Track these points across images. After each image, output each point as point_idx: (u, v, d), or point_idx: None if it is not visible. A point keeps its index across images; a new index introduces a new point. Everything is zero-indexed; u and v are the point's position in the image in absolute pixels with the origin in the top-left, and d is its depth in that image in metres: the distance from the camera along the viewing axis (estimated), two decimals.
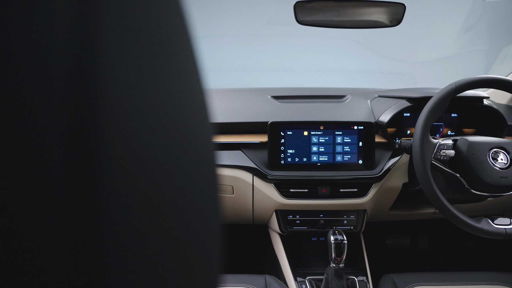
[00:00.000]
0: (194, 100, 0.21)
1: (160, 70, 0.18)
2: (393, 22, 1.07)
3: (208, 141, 0.23)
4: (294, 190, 1.30)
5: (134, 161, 0.16)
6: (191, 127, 0.21)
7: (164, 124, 0.18)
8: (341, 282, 1.17)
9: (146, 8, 0.18)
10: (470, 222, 1.05)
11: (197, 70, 0.22)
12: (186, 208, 0.20)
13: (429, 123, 1.10)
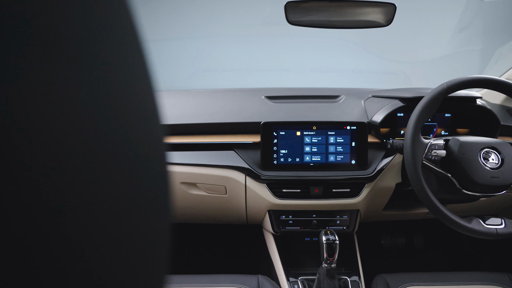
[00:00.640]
0: (138, 96, 0.21)
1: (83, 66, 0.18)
2: (384, 22, 1.07)
3: (155, 140, 0.23)
4: (287, 190, 1.30)
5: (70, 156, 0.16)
6: (132, 122, 0.21)
7: (104, 119, 0.18)
8: (333, 282, 1.17)
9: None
10: (461, 222, 1.05)
11: (138, 69, 0.22)
12: (129, 205, 0.20)
13: (420, 123, 1.10)
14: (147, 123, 0.22)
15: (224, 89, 1.64)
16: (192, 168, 1.34)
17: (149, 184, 0.23)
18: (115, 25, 0.20)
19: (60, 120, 0.16)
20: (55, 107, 0.16)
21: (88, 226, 0.17)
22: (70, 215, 0.16)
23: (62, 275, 0.17)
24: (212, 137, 1.36)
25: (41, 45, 0.15)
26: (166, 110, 1.45)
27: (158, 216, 0.24)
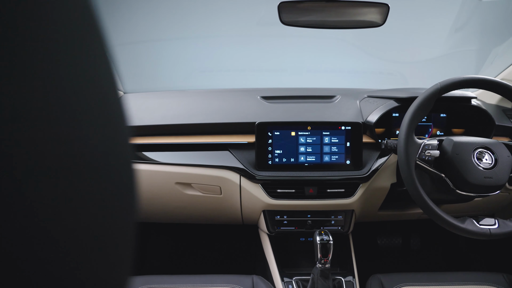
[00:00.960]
0: (96, 98, 0.21)
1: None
2: (377, 23, 1.07)
3: (118, 140, 0.23)
4: (281, 191, 1.30)
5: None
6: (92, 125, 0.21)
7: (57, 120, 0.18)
8: (327, 283, 1.17)
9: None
10: (454, 222, 1.05)
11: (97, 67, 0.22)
12: (91, 204, 0.20)
13: (414, 123, 1.10)
14: (107, 123, 0.22)
15: (220, 89, 1.64)
16: (186, 168, 1.34)
17: (111, 184, 0.23)
18: (66, 25, 0.20)
19: (12, 122, 0.16)
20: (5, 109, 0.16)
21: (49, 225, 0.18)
22: (28, 213, 0.16)
23: (24, 274, 0.17)
24: (207, 137, 1.36)
25: None
26: (162, 110, 1.45)
27: (119, 216, 0.24)
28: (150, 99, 1.57)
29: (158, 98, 1.57)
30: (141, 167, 1.36)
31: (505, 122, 1.43)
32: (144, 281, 1.22)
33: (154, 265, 1.98)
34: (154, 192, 1.40)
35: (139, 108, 1.50)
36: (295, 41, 1.88)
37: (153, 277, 1.23)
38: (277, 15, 1.08)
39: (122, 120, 0.24)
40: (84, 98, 0.20)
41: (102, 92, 0.22)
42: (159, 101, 1.53)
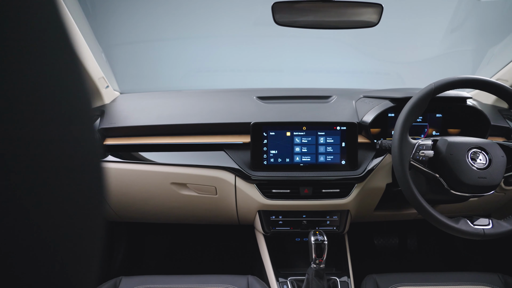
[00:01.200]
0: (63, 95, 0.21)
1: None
2: (371, 23, 1.07)
3: (83, 140, 0.23)
4: (276, 191, 1.30)
5: None
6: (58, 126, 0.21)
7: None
8: (321, 283, 1.17)
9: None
10: (448, 222, 1.05)
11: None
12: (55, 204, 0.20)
13: (408, 123, 1.10)
14: (73, 124, 0.22)
15: (216, 89, 1.64)
16: (182, 169, 1.34)
17: (79, 182, 0.23)
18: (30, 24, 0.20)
19: None
20: None
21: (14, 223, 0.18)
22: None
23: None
24: (202, 138, 1.36)
25: None
26: (157, 111, 1.45)
27: (86, 214, 0.24)
28: (146, 99, 1.58)
29: (154, 98, 1.57)
30: (136, 167, 1.36)
31: (501, 122, 1.43)
32: (139, 281, 1.22)
33: (151, 265, 1.98)
34: (150, 192, 1.40)
35: (135, 108, 1.50)
36: (292, 42, 1.88)
37: (148, 277, 1.23)
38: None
39: (89, 122, 0.24)
40: (49, 100, 0.20)
41: (68, 94, 0.22)
42: (155, 101, 1.53)
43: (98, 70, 1.43)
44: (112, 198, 1.45)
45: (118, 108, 1.51)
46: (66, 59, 0.22)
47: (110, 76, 1.66)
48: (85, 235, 0.23)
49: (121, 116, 1.45)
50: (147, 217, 1.58)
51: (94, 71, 1.39)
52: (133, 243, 1.96)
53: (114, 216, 1.60)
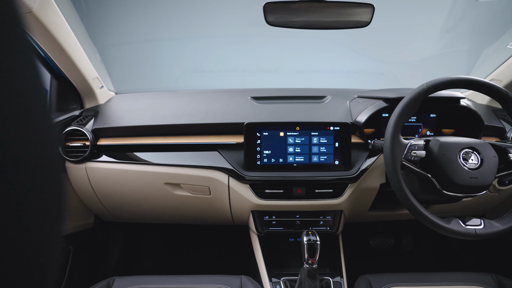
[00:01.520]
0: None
1: None
2: (363, 23, 1.07)
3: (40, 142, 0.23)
4: (270, 191, 1.30)
5: None
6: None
7: None
8: (314, 283, 1.17)
9: None
10: (440, 222, 1.05)
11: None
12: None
13: (400, 123, 1.10)
14: (29, 128, 0.22)
15: (211, 90, 1.64)
16: (175, 169, 1.34)
17: (35, 187, 0.23)
18: None
19: None
20: None
21: None
22: None
23: None
24: (196, 138, 1.37)
25: None
26: (151, 111, 1.45)
27: (44, 219, 0.24)
28: (141, 99, 1.58)
29: (149, 98, 1.57)
30: (129, 167, 1.36)
31: (495, 122, 1.42)
32: (132, 282, 1.22)
33: (147, 264, 1.98)
34: (143, 192, 1.40)
35: (129, 108, 1.50)
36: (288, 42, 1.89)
37: (141, 277, 1.23)
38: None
39: (43, 123, 0.23)
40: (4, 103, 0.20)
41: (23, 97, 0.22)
42: (149, 102, 1.54)
43: (92, 71, 1.43)
44: (105, 198, 1.46)
45: (113, 109, 1.51)
46: (15, 57, 0.22)
47: (105, 77, 1.67)
48: (35, 252, 0.22)
49: (115, 116, 1.45)
50: (141, 217, 1.58)
51: (88, 71, 1.39)
52: (129, 243, 1.96)
53: (108, 216, 1.60)
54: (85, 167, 1.37)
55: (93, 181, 1.40)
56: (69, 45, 1.19)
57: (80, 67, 1.32)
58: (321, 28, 1.08)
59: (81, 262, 1.58)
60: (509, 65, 1.43)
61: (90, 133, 1.37)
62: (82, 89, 1.46)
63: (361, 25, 1.07)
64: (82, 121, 1.42)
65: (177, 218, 1.55)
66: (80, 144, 1.36)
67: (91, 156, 1.37)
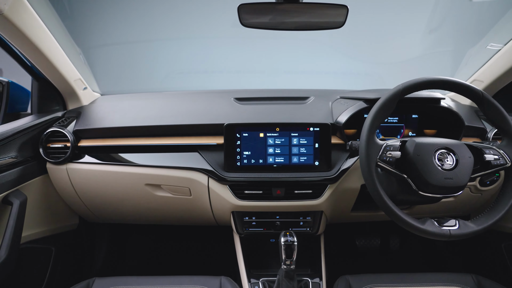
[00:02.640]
0: None
1: None
2: (337, 23, 1.07)
3: None
4: (249, 192, 1.30)
5: None
6: None
7: None
8: (291, 284, 1.17)
9: None
10: (414, 223, 1.05)
11: None
12: None
13: (375, 124, 1.10)
14: None
15: (195, 91, 1.64)
16: (156, 170, 1.34)
17: None
18: None
19: None
20: None
21: None
22: None
23: None
24: (177, 139, 1.37)
25: None
26: (133, 112, 1.46)
27: None
28: (126, 100, 1.58)
29: (133, 99, 1.58)
30: (110, 168, 1.36)
31: (475, 123, 1.42)
32: (112, 282, 1.22)
33: (133, 265, 1.98)
34: (124, 193, 1.40)
35: (112, 110, 1.50)
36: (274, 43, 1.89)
37: (121, 278, 1.24)
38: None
39: None
40: None
41: None
42: (132, 103, 1.54)
43: (74, 72, 1.43)
44: (88, 199, 1.46)
45: (96, 110, 1.51)
46: None
47: (90, 78, 1.67)
48: None
49: (97, 117, 1.45)
50: (125, 218, 1.58)
51: (69, 73, 1.39)
52: (115, 243, 1.96)
53: (92, 217, 1.61)
54: (66, 168, 1.37)
55: (74, 182, 1.40)
56: (46, 46, 1.20)
57: (59, 68, 1.32)
58: (295, 29, 1.08)
59: (64, 263, 1.58)
60: (489, 65, 1.43)
61: (71, 134, 1.37)
62: (64, 90, 1.46)
63: (335, 26, 1.07)
64: (64, 123, 1.42)
65: (160, 219, 1.56)
66: (61, 146, 1.36)
67: (72, 157, 1.37)
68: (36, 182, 1.36)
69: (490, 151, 1.11)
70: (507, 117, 1.11)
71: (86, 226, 1.75)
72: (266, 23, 1.08)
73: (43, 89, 1.44)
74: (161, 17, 1.85)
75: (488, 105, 1.11)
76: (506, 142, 1.13)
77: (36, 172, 1.37)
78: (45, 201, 1.42)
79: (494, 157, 1.10)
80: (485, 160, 1.10)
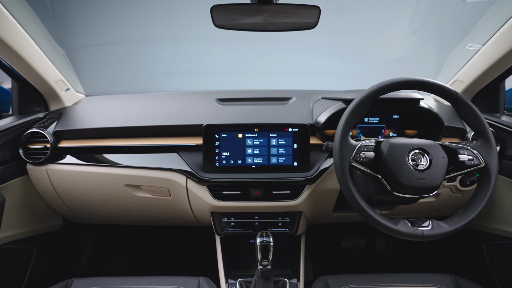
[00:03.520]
0: None
1: None
2: (309, 25, 1.07)
3: None
4: (227, 193, 1.30)
5: None
6: None
7: None
8: (267, 284, 1.17)
9: None
10: (387, 223, 1.05)
11: None
12: None
13: (349, 125, 1.10)
14: None
15: (177, 91, 1.64)
16: (135, 171, 1.34)
17: None
18: None
19: None
20: None
21: None
22: None
23: None
24: (156, 140, 1.37)
25: None
26: (114, 113, 1.46)
27: None
28: (108, 102, 1.58)
29: (115, 101, 1.58)
30: (90, 169, 1.36)
31: (455, 123, 1.42)
32: (91, 283, 1.22)
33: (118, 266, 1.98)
34: (105, 194, 1.40)
35: (93, 110, 1.50)
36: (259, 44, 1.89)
37: (100, 279, 1.24)
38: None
39: None
40: None
41: None
42: (114, 104, 1.54)
43: (54, 73, 1.43)
44: (69, 200, 1.46)
45: (78, 111, 1.51)
46: None
47: (74, 79, 1.67)
48: None
49: (77, 118, 1.45)
50: (107, 219, 1.58)
51: (48, 74, 1.39)
52: (101, 244, 1.96)
53: (76, 218, 1.61)
54: (46, 169, 1.38)
55: (55, 183, 1.40)
56: (23, 48, 1.20)
57: (38, 70, 1.32)
58: (268, 30, 1.08)
59: (46, 264, 1.58)
60: (469, 66, 1.43)
61: (51, 135, 1.37)
62: (44, 91, 1.46)
63: (308, 26, 1.07)
64: (45, 124, 1.42)
65: (142, 219, 1.56)
66: (41, 147, 1.37)
67: (52, 158, 1.38)
68: (16, 183, 1.37)
69: (465, 151, 1.11)
70: (480, 118, 1.11)
71: (70, 227, 1.75)
72: (239, 24, 1.08)
73: (24, 90, 1.44)
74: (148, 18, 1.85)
75: (462, 106, 1.11)
76: (481, 142, 1.12)
77: (16, 173, 1.37)
78: (26, 202, 1.43)
79: (468, 157, 1.10)
80: (459, 160, 1.10)
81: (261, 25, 1.09)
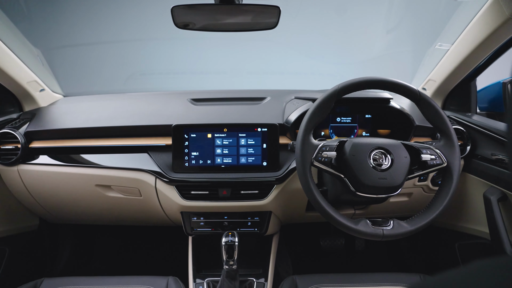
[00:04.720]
0: None
1: None
2: (270, 24, 1.07)
3: None
4: (195, 192, 1.30)
5: None
6: None
7: None
8: (233, 284, 1.18)
9: None
10: (347, 223, 1.05)
11: None
12: None
13: (311, 124, 1.10)
14: None
15: (152, 92, 1.65)
16: (105, 171, 1.35)
17: None
18: None
19: None
20: None
21: None
22: None
23: None
24: (127, 140, 1.37)
25: None
26: (86, 114, 1.46)
27: None
28: (83, 102, 1.58)
29: (91, 101, 1.58)
30: (61, 169, 1.37)
31: (427, 123, 1.42)
32: (60, 283, 1.22)
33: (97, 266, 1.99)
34: (77, 194, 1.40)
35: (66, 111, 1.51)
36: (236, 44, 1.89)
37: (70, 279, 1.24)
38: None
39: None
40: None
41: None
42: (89, 104, 1.54)
43: (27, 74, 1.44)
44: (42, 200, 1.46)
45: (51, 111, 1.52)
46: None
47: (50, 79, 1.67)
48: None
49: (50, 119, 1.46)
50: (81, 219, 1.59)
51: (20, 75, 1.40)
52: (80, 244, 1.97)
53: (51, 218, 1.61)
54: (18, 169, 1.38)
55: (27, 183, 1.41)
56: None
57: (7, 71, 1.32)
58: (229, 30, 1.09)
59: (20, 264, 1.59)
60: (440, 65, 1.43)
61: (22, 136, 1.38)
62: (17, 92, 1.47)
63: (269, 26, 1.08)
64: (16, 124, 1.43)
65: (116, 219, 1.56)
66: (11, 147, 1.37)
67: (24, 158, 1.38)
68: None
69: (428, 151, 1.11)
70: (443, 117, 1.11)
71: (48, 227, 1.75)
72: (200, 25, 1.08)
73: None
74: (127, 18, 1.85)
75: (425, 105, 1.11)
76: (443, 142, 1.13)
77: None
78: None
79: (431, 157, 1.10)
80: (422, 160, 1.10)
81: (222, 26, 1.09)
